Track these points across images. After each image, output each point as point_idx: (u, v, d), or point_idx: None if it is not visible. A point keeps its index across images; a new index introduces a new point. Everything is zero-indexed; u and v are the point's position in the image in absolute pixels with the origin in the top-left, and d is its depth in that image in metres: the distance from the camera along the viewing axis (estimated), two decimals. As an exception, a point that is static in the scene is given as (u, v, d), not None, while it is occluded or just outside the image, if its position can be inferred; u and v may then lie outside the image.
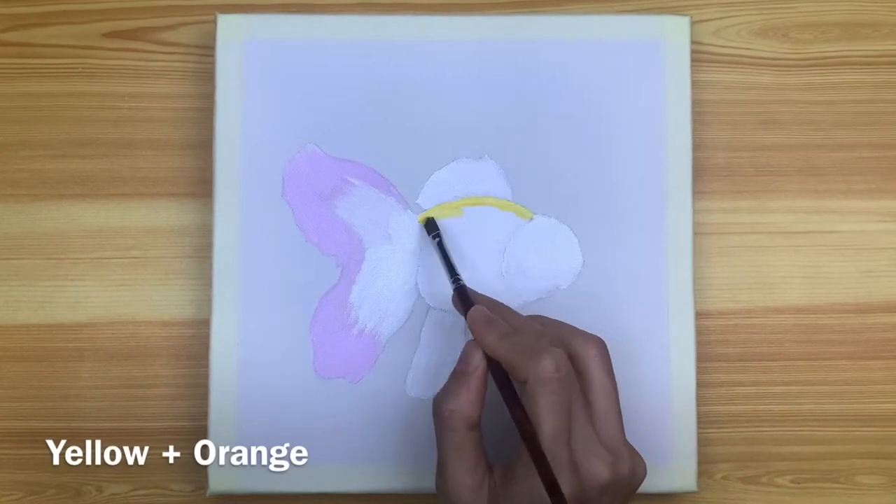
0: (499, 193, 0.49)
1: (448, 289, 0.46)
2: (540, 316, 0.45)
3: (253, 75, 0.49)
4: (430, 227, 0.48)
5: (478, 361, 0.42)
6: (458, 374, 0.42)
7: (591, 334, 0.42)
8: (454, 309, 0.46)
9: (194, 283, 0.50)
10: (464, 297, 0.45)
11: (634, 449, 0.42)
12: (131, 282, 0.50)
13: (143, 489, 0.50)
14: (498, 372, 0.41)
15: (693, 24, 0.50)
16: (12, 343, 0.50)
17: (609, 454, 0.40)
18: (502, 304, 0.45)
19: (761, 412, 0.50)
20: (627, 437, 0.42)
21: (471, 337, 0.43)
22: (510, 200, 0.49)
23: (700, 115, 0.50)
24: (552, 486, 0.37)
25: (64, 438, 0.50)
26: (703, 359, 0.49)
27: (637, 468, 0.41)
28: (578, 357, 0.42)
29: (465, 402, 0.41)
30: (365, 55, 0.49)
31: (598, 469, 0.39)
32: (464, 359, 0.42)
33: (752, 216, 0.51)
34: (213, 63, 0.49)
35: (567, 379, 0.40)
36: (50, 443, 0.49)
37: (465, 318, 0.43)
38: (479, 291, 0.46)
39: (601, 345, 0.42)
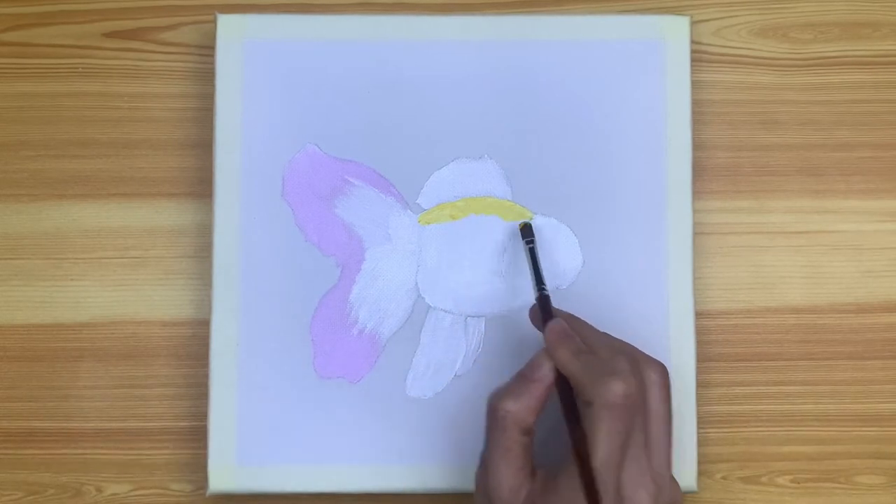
0: (499, 193, 0.49)
1: (448, 289, 0.46)
2: (608, 334, 0.44)
3: (253, 75, 0.49)
4: (526, 232, 0.48)
5: (546, 371, 0.41)
6: (523, 378, 0.41)
7: (654, 360, 0.42)
8: (452, 310, 0.46)
9: (194, 283, 0.50)
10: (545, 307, 0.44)
11: (675, 480, 0.41)
12: (131, 282, 0.50)
13: (143, 489, 0.50)
14: (564, 387, 0.41)
15: (693, 24, 0.50)
16: (12, 343, 0.50)
17: (654, 485, 0.40)
18: (580, 319, 0.45)
19: (761, 412, 0.50)
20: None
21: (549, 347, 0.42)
22: (510, 200, 0.49)
23: (700, 115, 0.50)
24: None
25: (64, 438, 0.50)
26: (703, 359, 0.49)
27: (676, 498, 0.41)
28: (643, 383, 0.41)
29: (524, 407, 0.41)
30: (365, 55, 0.49)
31: (643, 499, 0.39)
32: (532, 365, 0.42)
33: (752, 216, 0.51)
34: (213, 63, 0.49)
35: (634, 406, 0.39)
36: (50, 443, 0.49)
37: (543, 329, 0.43)
38: (468, 295, 0.46)
39: (664, 371, 0.42)
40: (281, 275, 0.49)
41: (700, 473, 0.48)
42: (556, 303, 0.47)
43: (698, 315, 0.49)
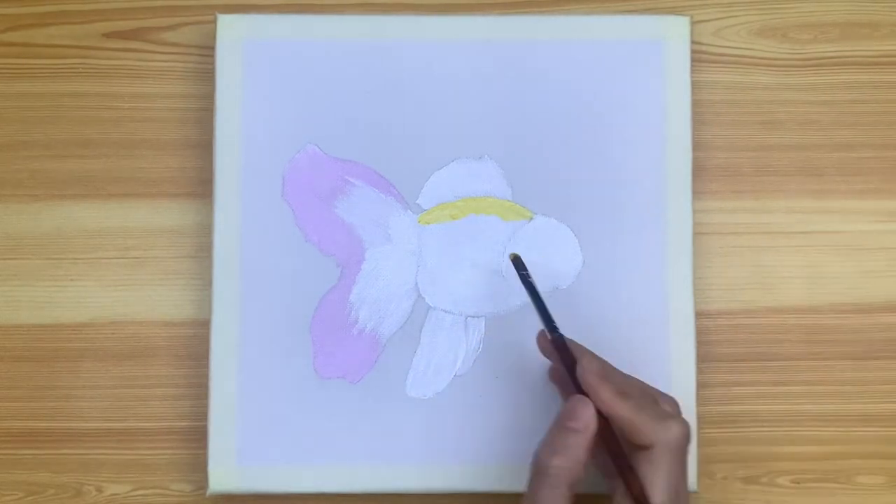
0: (499, 193, 0.49)
1: (448, 289, 0.46)
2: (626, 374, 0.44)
3: (253, 75, 0.49)
4: (518, 265, 0.46)
5: (589, 419, 0.40)
6: (566, 430, 0.40)
7: (667, 395, 0.43)
8: (452, 310, 0.45)
9: (194, 283, 0.50)
10: (562, 349, 0.43)
11: None
12: (131, 282, 0.50)
13: (143, 489, 0.50)
14: (608, 432, 0.40)
15: (693, 24, 0.50)
16: (12, 343, 0.50)
17: None
18: (594, 354, 0.43)
19: (761, 412, 0.50)
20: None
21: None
22: (510, 200, 0.49)
23: (700, 115, 0.50)
24: None
25: (64, 438, 0.50)
26: (703, 359, 0.49)
27: None
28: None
29: (574, 461, 0.39)
30: (365, 55, 0.49)
31: None
32: (573, 414, 0.40)
33: (752, 216, 0.51)
34: (213, 63, 0.49)
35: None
36: (50, 443, 0.49)
37: (570, 371, 0.42)
38: (468, 295, 0.46)
39: (677, 406, 0.43)
40: (281, 275, 0.49)
41: (700, 473, 0.48)
42: (556, 303, 0.47)
43: (698, 315, 0.49)
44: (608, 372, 0.42)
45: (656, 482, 0.39)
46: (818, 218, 0.51)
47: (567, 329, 0.44)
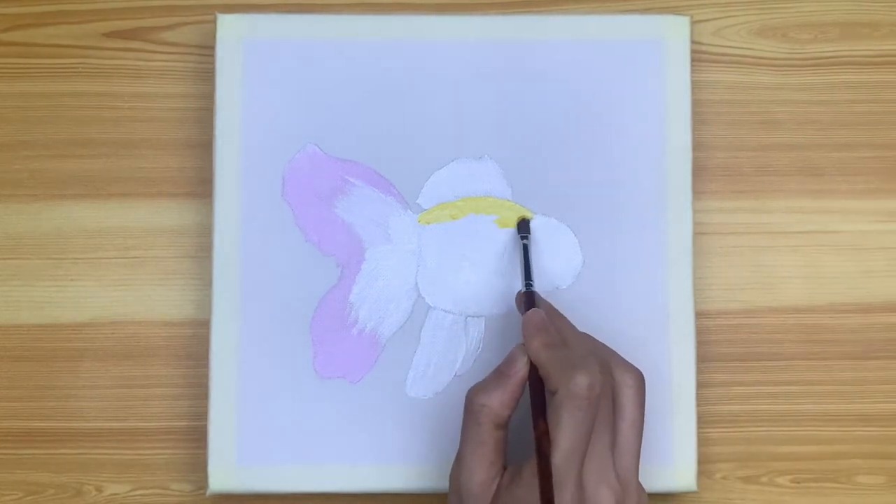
0: (499, 193, 0.49)
1: (448, 289, 0.46)
2: (591, 336, 0.45)
3: (253, 75, 0.49)
4: (523, 227, 0.48)
5: (521, 366, 0.42)
6: (500, 373, 0.42)
7: (631, 365, 0.43)
8: (452, 310, 0.46)
9: (194, 283, 0.50)
10: (529, 300, 0.45)
11: (643, 487, 0.42)
12: (131, 282, 0.50)
13: (143, 489, 0.50)
14: (534, 379, 0.41)
15: (693, 24, 0.50)
16: (12, 343, 0.50)
17: (619, 485, 0.40)
18: (563, 316, 0.45)
19: (761, 412, 0.50)
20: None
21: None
22: (510, 200, 0.49)
23: (700, 115, 0.50)
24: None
25: (64, 438, 0.50)
26: (703, 359, 0.49)
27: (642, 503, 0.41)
28: (615, 385, 0.42)
29: (498, 401, 0.41)
30: (365, 55, 0.49)
31: (604, 495, 0.40)
32: (509, 360, 0.42)
33: (752, 216, 0.51)
34: (213, 63, 0.49)
35: (596, 401, 0.40)
36: (50, 443, 0.49)
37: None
38: (468, 295, 0.46)
39: (639, 377, 0.42)
40: (281, 275, 0.49)
41: (700, 473, 0.48)
42: (556, 303, 0.47)
43: (698, 315, 0.49)
44: (563, 329, 0.43)
45: (557, 429, 0.39)
46: (818, 218, 0.51)
47: (567, 329, 0.45)
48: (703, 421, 0.49)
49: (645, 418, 0.42)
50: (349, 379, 0.48)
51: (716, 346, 0.50)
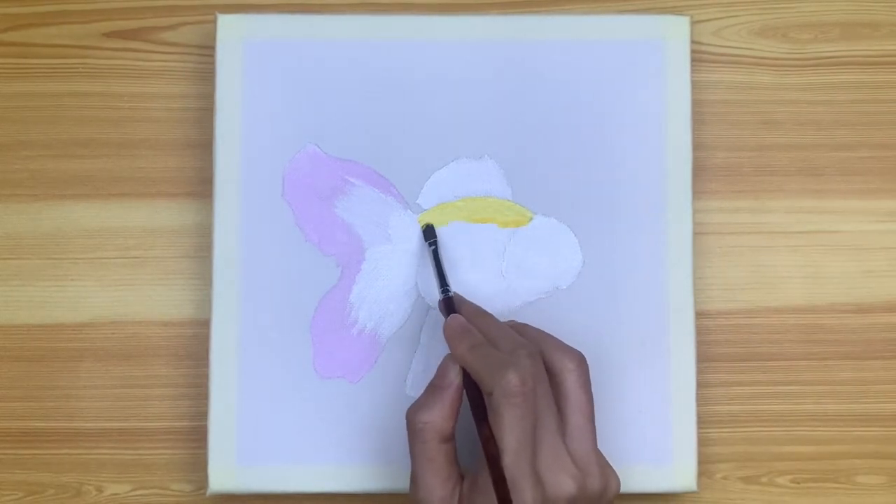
0: (499, 193, 0.49)
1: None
2: (525, 325, 0.45)
3: (253, 75, 0.49)
4: (429, 234, 0.48)
5: (453, 376, 0.42)
6: (434, 387, 0.42)
7: (570, 348, 0.42)
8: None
9: (194, 283, 0.50)
10: (448, 306, 0.45)
11: (608, 464, 0.42)
12: (131, 282, 0.50)
13: (143, 489, 0.50)
14: (470, 386, 0.42)
15: (693, 24, 0.50)
16: (12, 343, 0.50)
17: (577, 468, 0.40)
18: (488, 313, 0.45)
19: (761, 412, 0.50)
20: (627, 437, 0.42)
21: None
22: (510, 200, 0.49)
23: (700, 115, 0.50)
24: None
25: (64, 438, 0.50)
26: (703, 359, 0.49)
27: (609, 483, 0.41)
28: (555, 370, 0.42)
29: (438, 416, 0.41)
30: (365, 55, 0.49)
31: (564, 483, 0.39)
32: (440, 373, 0.42)
33: (752, 216, 0.51)
34: (213, 63, 0.49)
35: (532, 394, 0.40)
36: (50, 443, 0.49)
37: None
38: (468, 295, 0.46)
39: (579, 359, 0.42)
40: (281, 275, 0.49)
41: (700, 473, 0.48)
42: (556, 303, 0.47)
43: (698, 315, 0.49)
44: (486, 327, 0.43)
45: (500, 430, 0.39)
46: (818, 218, 0.51)
47: (566, 329, 0.45)
48: (703, 421, 0.49)
49: (595, 400, 0.42)
50: (349, 379, 0.48)
51: (716, 346, 0.50)
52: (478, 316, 0.45)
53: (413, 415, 0.42)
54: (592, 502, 0.40)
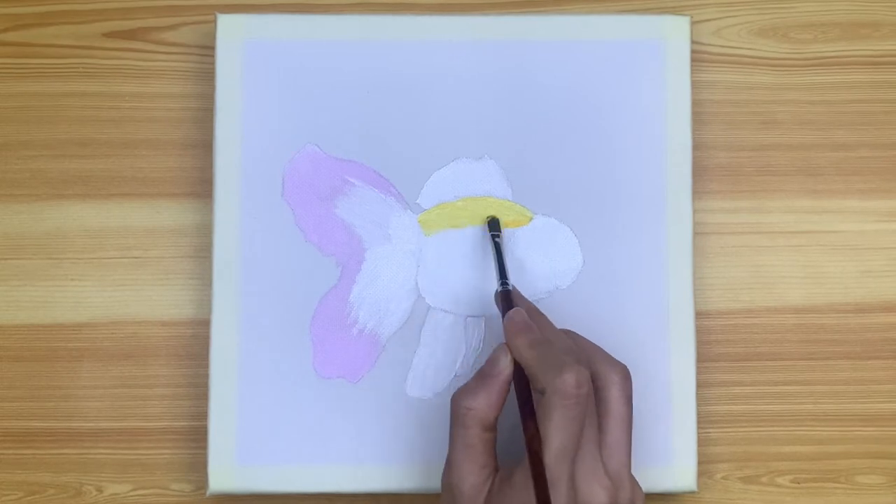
0: (499, 193, 0.49)
1: (448, 289, 0.46)
2: (576, 334, 0.45)
3: (253, 75, 0.49)
4: (493, 226, 0.48)
5: (504, 365, 0.42)
6: (483, 375, 0.42)
7: (616, 361, 0.42)
8: (452, 310, 0.46)
9: (194, 283, 0.50)
10: (507, 300, 0.44)
11: (636, 481, 0.42)
12: (131, 282, 0.50)
13: (143, 489, 0.50)
14: (520, 379, 0.41)
15: (693, 24, 0.50)
16: (12, 343, 0.50)
17: (611, 482, 0.40)
18: (543, 314, 0.45)
19: (761, 412, 0.50)
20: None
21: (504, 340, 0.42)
22: (510, 200, 0.49)
23: (700, 115, 0.50)
24: None
25: (64, 438, 0.50)
26: (703, 359, 0.49)
27: (636, 500, 0.41)
28: (600, 381, 0.41)
29: (484, 403, 0.41)
30: (365, 55, 0.49)
31: (598, 494, 0.39)
32: (492, 361, 0.42)
33: (752, 216, 0.51)
34: (213, 63, 0.49)
35: (585, 399, 0.40)
36: (50, 443, 0.49)
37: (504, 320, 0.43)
38: (468, 295, 0.46)
39: (625, 373, 0.42)
40: (281, 275, 0.49)
41: (700, 473, 0.48)
42: (556, 303, 0.47)
43: (698, 315, 0.49)
44: (541, 326, 0.43)
45: (547, 429, 0.39)
46: (817, 218, 0.51)
47: (566, 329, 0.44)
48: (703, 421, 0.49)
49: (633, 413, 0.42)
50: (349, 379, 0.48)
51: (716, 346, 0.50)
52: (535, 314, 0.45)
53: (458, 399, 0.41)
54: None
